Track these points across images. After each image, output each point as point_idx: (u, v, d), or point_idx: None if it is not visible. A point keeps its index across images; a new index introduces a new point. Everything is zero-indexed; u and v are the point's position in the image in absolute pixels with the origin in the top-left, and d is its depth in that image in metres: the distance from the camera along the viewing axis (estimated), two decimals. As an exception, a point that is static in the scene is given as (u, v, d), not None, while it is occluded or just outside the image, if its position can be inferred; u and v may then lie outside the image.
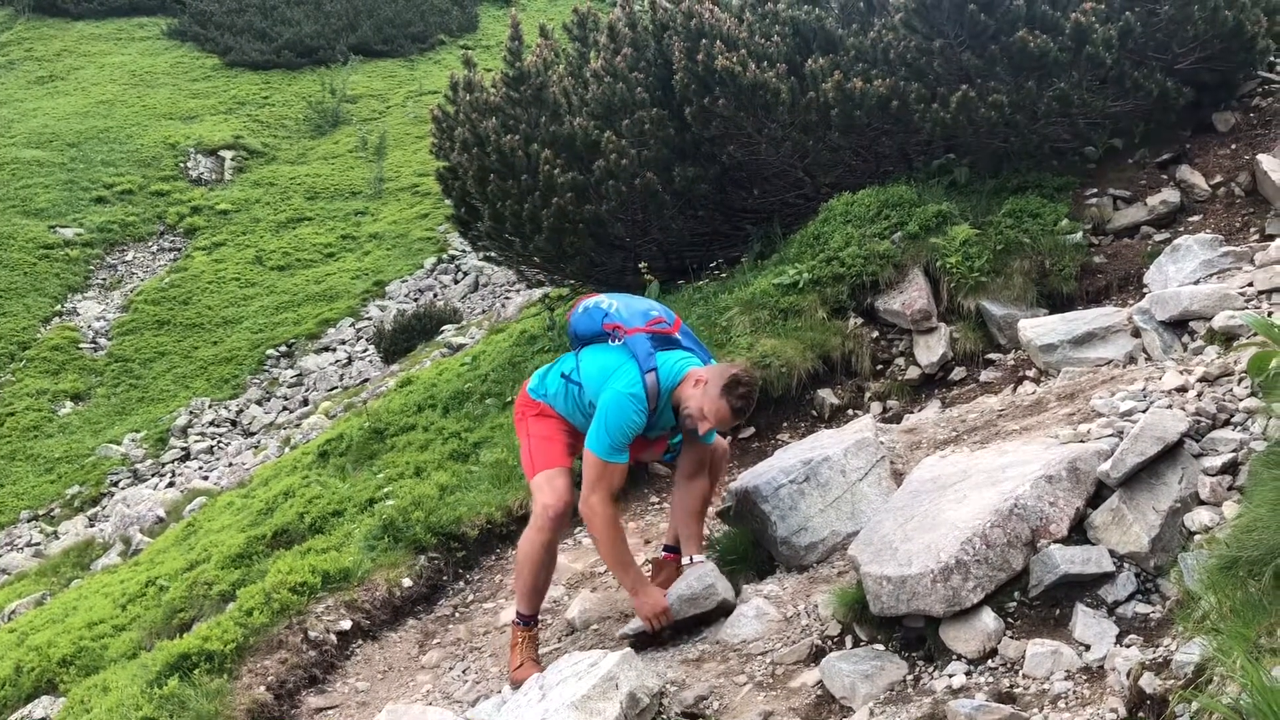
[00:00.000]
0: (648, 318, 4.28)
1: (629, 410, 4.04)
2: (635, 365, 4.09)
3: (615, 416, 4.04)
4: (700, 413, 4.02)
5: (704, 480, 4.41)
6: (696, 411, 4.03)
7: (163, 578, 7.00)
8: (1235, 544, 2.69)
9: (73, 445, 16.62)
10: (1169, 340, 5.26)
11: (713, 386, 3.99)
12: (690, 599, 4.19)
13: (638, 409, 4.05)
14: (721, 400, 3.97)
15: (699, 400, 4.02)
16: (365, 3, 33.42)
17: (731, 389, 3.98)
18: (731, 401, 3.98)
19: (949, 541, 3.63)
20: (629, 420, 4.05)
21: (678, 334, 4.35)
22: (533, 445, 4.34)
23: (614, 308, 4.30)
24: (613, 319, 4.26)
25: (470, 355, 10.17)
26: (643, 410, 4.07)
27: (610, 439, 4.05)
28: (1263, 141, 7.39)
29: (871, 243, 7.15)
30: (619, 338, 4.20)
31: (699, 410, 4.02)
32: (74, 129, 25.57)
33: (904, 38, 7.58)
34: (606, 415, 4.05)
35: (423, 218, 22.44)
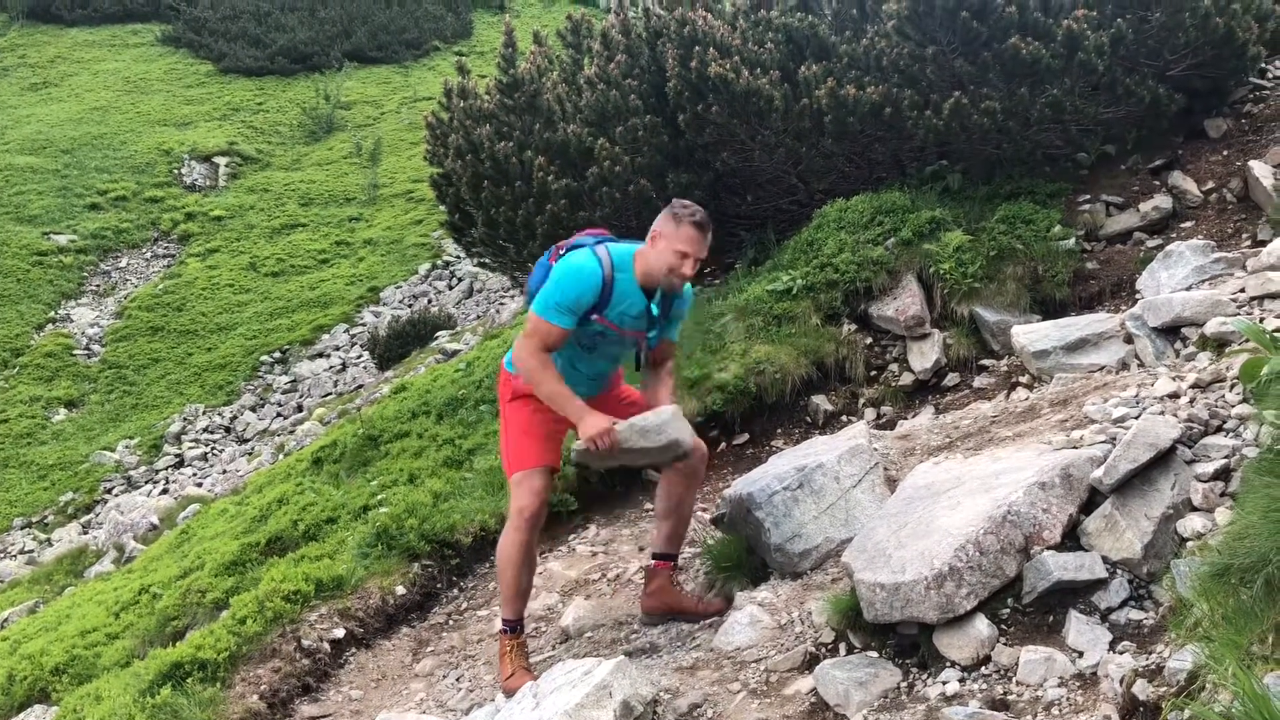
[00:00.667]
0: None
1: (579, 272, 3.98)
2: (584, 248, 4.10)
3: (564, 278, 3.99)
4: (677, 257, 3.99)
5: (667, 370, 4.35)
6: (674, 257, 4.00)
7: (156, 585, 6.97)
8: (1227, 551, 2.70)
9: (66, 452, 16.58)
10: (1162, 346, 5.27)
11: (667, 228, 4.00)
12: (642, 429, 4.02)
13: (590, 271, 3.99)
14: (681, 229, 3.98)
15: (665, 249, 4.01)
16: (360, 9, 33.43)
17: (681, 215, 4.00)
18: (686, 218, 4.00)
19: (942, 548, 3.63)
20: (579, 281, 3.97)
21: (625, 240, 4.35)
22: (509, 440, 4.28)
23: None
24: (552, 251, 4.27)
25: (464, 361, 10.15)
26: (595, 274, 3.98)
27: (553, 298, 3.98)
28: (1254, 148, 7.42)
29: (865, 249, 7.16)
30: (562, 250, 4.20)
31: (674, 256, 3.99)
32: (68, 135, 25.55)
33: (897, 45, 7.60)
34: (555, 279, 4.00)
35: (417, 224, 22.44)
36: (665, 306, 4.25)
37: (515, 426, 4.27)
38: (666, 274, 4.04)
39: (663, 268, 4.04)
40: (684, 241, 3.99)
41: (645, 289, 4.12)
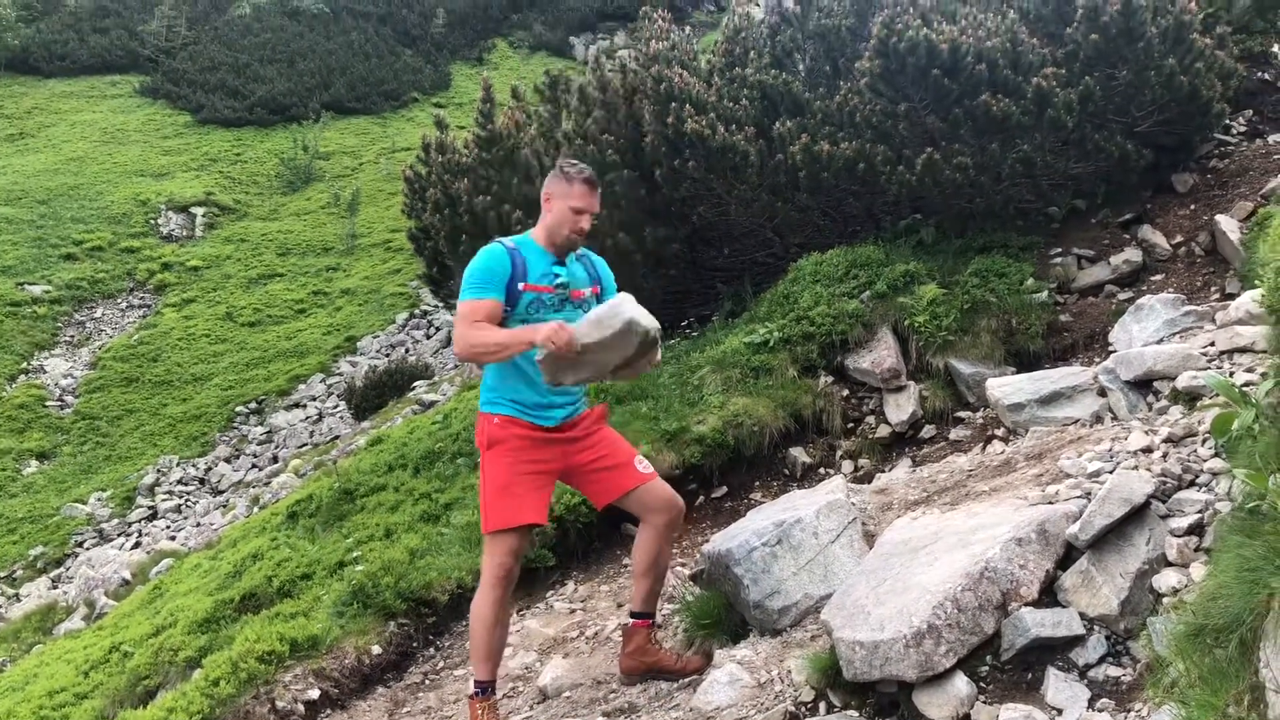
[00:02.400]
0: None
1: (483, 253, 4.09)
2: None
3: (471, 265, 4.09)
4: (572, 214, 4.10)
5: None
6: (569, 216, 4.10)
7: (127, 643, 6.87)
8: (1202, 611, 2.71)
9: (37, 505, 16.35)
10: (1134, 400, 5.32)
11: (557, 188, 4.13)
12: (595, 320, 3.91)
13: (494, 251, 4.09)
14: (571, 185, 4.11)
15: (559, 206, 4.11)
16: (338, 61, 33.68)
17: (569, 173, 4.12)
18: (576, 176, 4.11)
19: (920, 605, 3.63)
20: (485, 261, 4.06)
21: None
22: (486, 496, 4.20)
23: None
24: None
25: (442, 413, 10.12)
26: (501, 251, 4.08)
27: (468, 282, 4.05)
28: (1220, 202, 7.56)
29: (840, 302, 7.22)
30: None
31: (569, 213, 4.10)
32: (44, 186, 25.48)
33: (869, 101, 7.72)
34: (466, 271, 4.10)
35: (395, 273, 22.45)
36: (589, 270, 4.32)
37: (493, 482, 4.18)
38: (566, 233, 4.14)
39: (561, 227, 4.14)
40: (577, 198, 4.11)
41: (556, 253, 4.20)
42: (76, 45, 33.67)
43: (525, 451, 4.14)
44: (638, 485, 4.25)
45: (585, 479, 4.31)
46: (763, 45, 9.15)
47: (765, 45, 9.14)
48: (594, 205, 4.17)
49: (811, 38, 8.83)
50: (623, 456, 4.31)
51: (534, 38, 37.79)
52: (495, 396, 4.20)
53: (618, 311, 3.89)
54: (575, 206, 4.11)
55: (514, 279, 4.07)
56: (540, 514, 4.19)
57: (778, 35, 9.16)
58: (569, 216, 4.11)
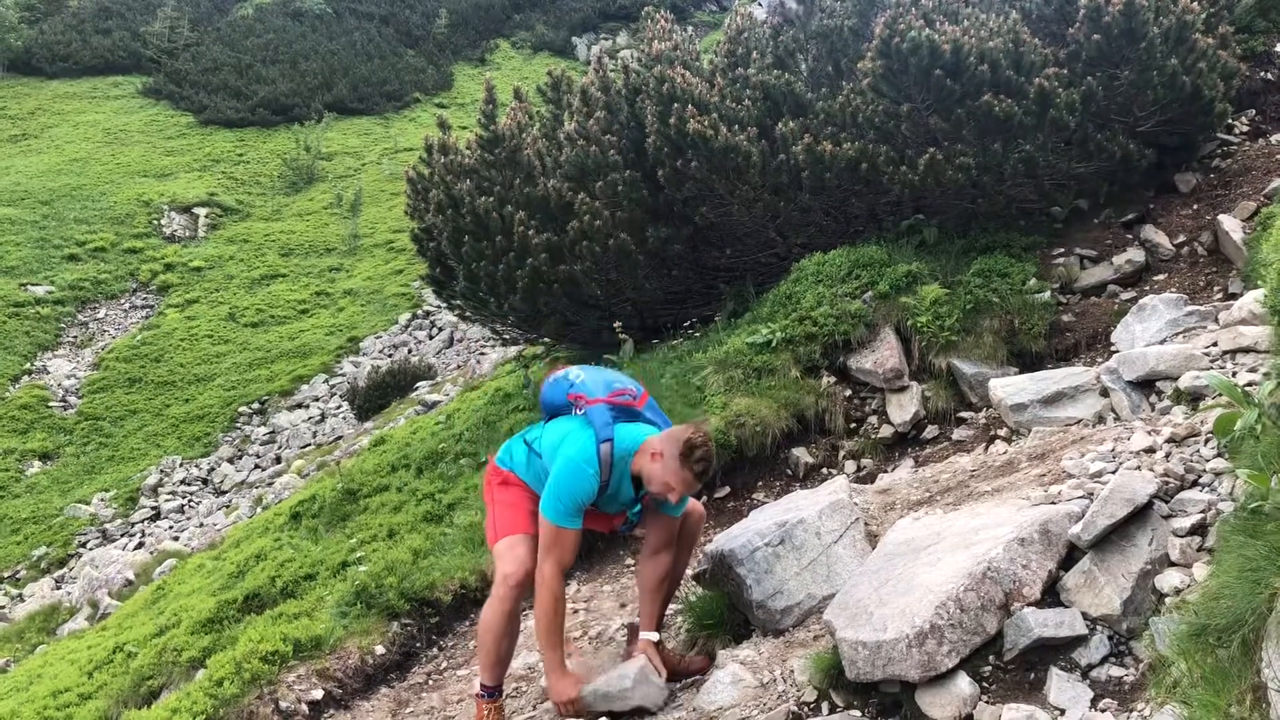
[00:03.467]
0: (610, 389, 4.28)
1: (580, 476, 4.04)
2: (591, 433, 4.10)
3: (566, 481, 4.04)
4: (666, 486, 4.01)
5: (668, 556, 4.34)
6: (662, 487, 4.02)
7: (131, 644, 6.88)
8: (1204, 611, 2.72)
9: (40, 505, 16.39)
10: (1137, 400, 5.32)
11: (670, 458, 3.98)
12: (605, 695, 4.13)
13: (590, 475, 4.05)
14: (683, 470, 3.97)
15: (660, 474, 4.01)
16: (340, 61, 33.71)
17: (689, 456, 3.96)
18: (692, 468, 3.98)
19: (923, 606, 3.63)
20: (580, 486, 4.04)
21: (642, 407, 4.33)
22: (496, 512, 4.31)
23: (580, 379, 4.31)
24: (576, 390, 4.27)
25: (444, 414, 10.15)
26: (595, 477, 4.06)
27: (561, 504, 4.04)
28: (1223, 202, 7.56)
29: (843, 302, 7.22)
30: (581, 408, 4.21)
31: (663, 485, 4.01)
32: (47, 187, 25.53)
33: (872, 102, 7.72)
34: (558, 480, 4.06)
35: (397, 273, 22.49)
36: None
37: (502, 501, 4.32)
38: (652, 490, 4.11)
39: (650, 485, 4.09)
40: (680, 483, 4.02)
41: (635, 480, 4.18)
42: (79, 46, 33.72)
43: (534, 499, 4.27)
44: None
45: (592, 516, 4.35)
46: (765, 45, 9.16)
47: (768, 45, 9.15)
48: (691, 492, 4.16)
49: (814, 38, 8.83)
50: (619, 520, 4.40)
51: (536, 38, 37.81)
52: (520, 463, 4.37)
53: (628, 698, 4.12)
54: (673, 486, 4.03)
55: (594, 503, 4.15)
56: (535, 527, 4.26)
57: (780, 35, 9.17)
58: (663, 485, 4.04)
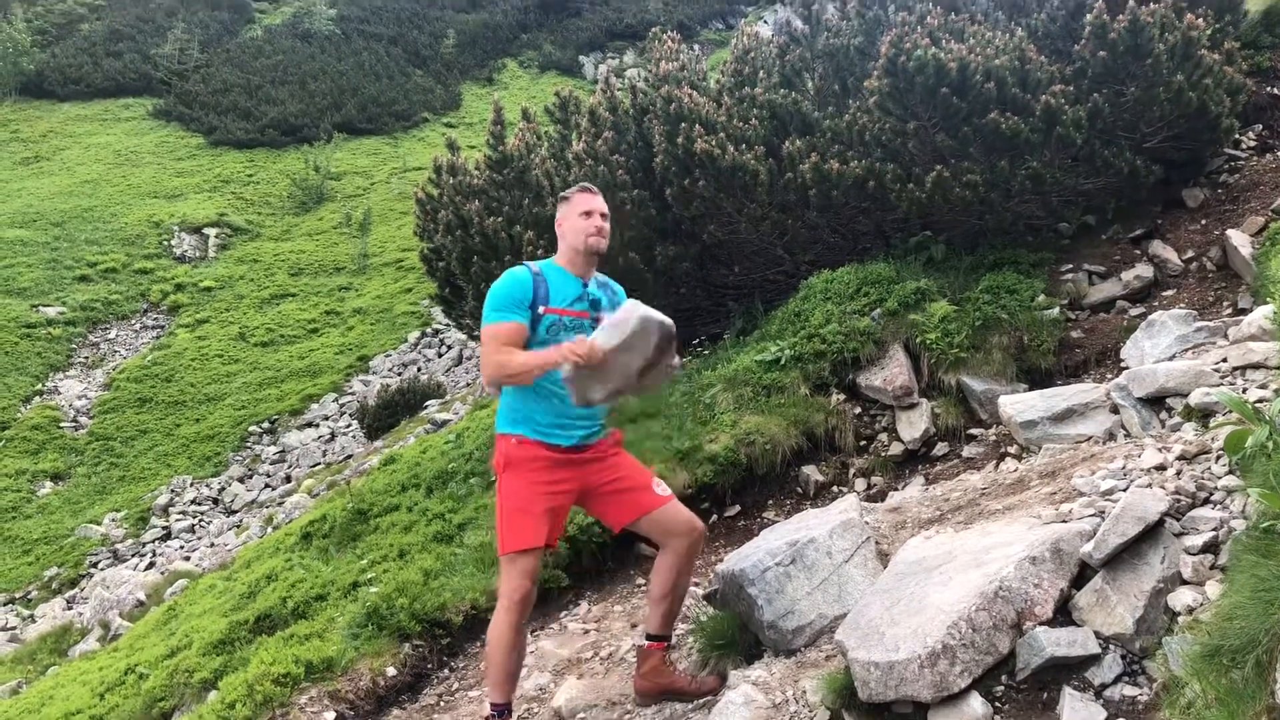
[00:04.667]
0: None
1: (507, 278, 4.11)
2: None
3: (494, 289, 4.10)
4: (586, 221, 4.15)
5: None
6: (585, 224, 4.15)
7: (142, 665, 6.90)
8: (1218, 632, 2.71)
9: (52, 526, 16.44)
10: (1147, 417, 5.31)
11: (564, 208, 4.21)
12: (611, 325, 3.93)
13: (517, 274, 4.11)
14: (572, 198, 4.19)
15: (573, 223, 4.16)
16: (349, 82, 33.93)
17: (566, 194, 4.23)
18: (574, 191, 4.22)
19: (935, 625, 3.62)
20: (508, 284, 4.08)
21: None
22: (504, 517, 4.19)
23: None
24: None
25: (454, 433, 10.15)
26: (524, 274, 4.11)
27: (492, 305, 4.08)
28: (1231, 217, 7.55)
29: (852, 319, 7.23)
30: None
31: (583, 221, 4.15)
32: (58, 208, 25.71)
33: (878, 120, 7.75)
34: (489, 295, 4.12)
35: (406, 292, 22.56)
36: (610, 296, 4.32)
37: (509, 502, 4.18)
38: (585, 240, 4.15)
39: (580, 237, 4.15)
40: (581, 204, 4.17)
41: (580, 275, 4.21)
42: (91, 69, 34.00)
43: (542, 473, 4.13)
44: (655, 507, 4.23)
45: (602, 501, 4.30)
46: (771, 65, 9.20)
47: (774, 65, 9.20)
48: (600, 205, 4.21)
49: (820, 57, 8.87)
50: (640, 479, 4.29)
51: (543, 57, 38.01)
52: (514, 416, 4.20)
53: (631, 311, 3.93)
54: (582, 210, 4.15)
55: (535, 302, 4.09)
56: (554, 537, 4.20)
57: (786, 55, 9.21)
58: (581, 223, 4.14)
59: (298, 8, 40.90)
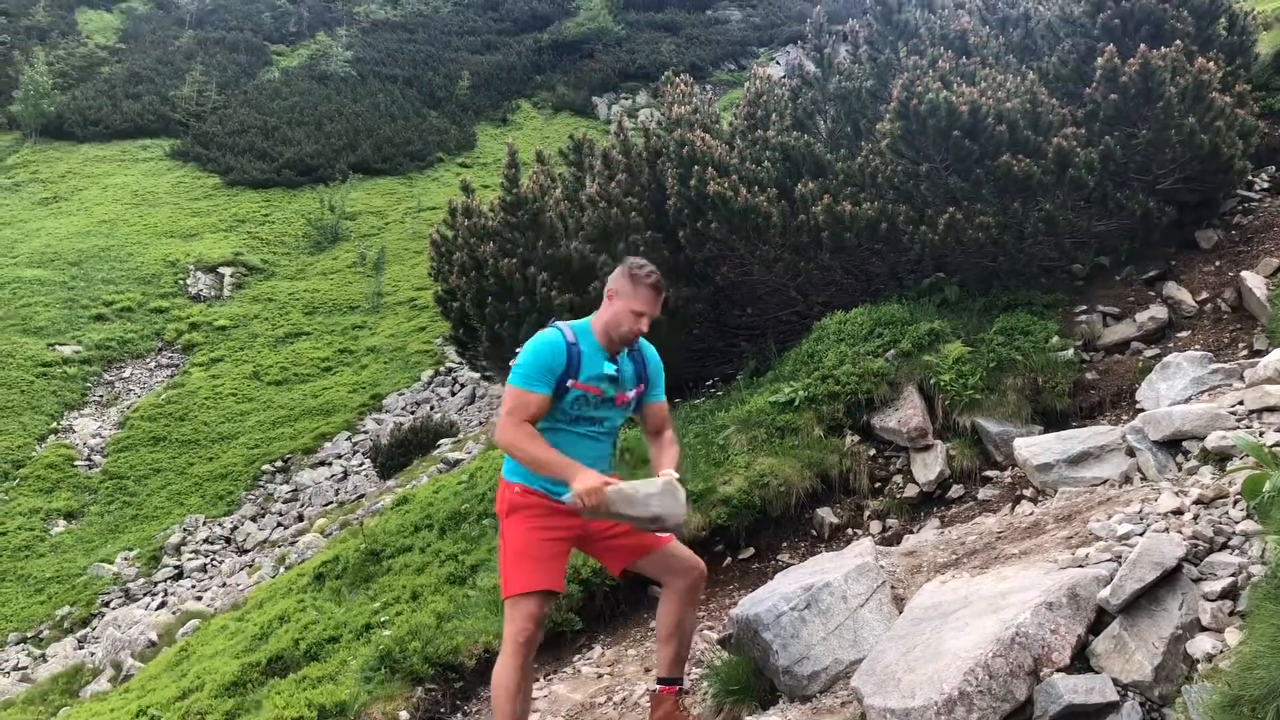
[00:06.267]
0: None
1: (543, 343, 4.07)
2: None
3: (529, 350, 4.06)
4: (633, 316, 4.05)
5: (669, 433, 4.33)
6: (630, 319, 4.05)
7: (154, 707, 6.87)
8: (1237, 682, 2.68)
9: (64, 564, 16.44)
10: (1163, 460, 5.28)
11: (623, 286, 4.05)
12: (629, 498, 3.96)
13: (553, 340, 4.07)
14: (638, 288, 4.04)
15: (622, 307, 4.06)
16: (365, 122, 34.27)
17: (638, 276, 4.05)
18: (645, 281, 4.05)
19: (951, 672, 3.59)
20: (543, 351, 4.05)
21: None
22: (507, 561, 4.21)
23: None
24: None
25: (467, 473, 10.14)
26: (559, 341, 4.07)
27: (524, 368, 4.04)
28: (1246, 258, 7.55)
29: (865, 360, 7.23)
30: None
31: (630, 315, 4.05)
32: (75, 248, 25.94)
33: (891, 162, 7.79)
34: (522, 353, 4.07)
35: (420, 330, 22.64)
36: (638, 368, 4.29)
37: (512, 547, 4.21)
38: (624, 331, 4.12)
39: (619, 324, 4.11)
40: (641, 302, 4.07)
41: (608, 350, 4.19)
42: (110, 111, 34.43)
43: (543, 518, 4.15)
44: (655, 549, 4.24)
45: (601, 546, 4.31)
46: (784, 107, 9.28)
47: (786, 107, 9.27)
48: (656, 310, 4.14)
49: (832, 100, 8.94)
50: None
51: (557, 98, 38.35)
52: (517, 465, 4.22)
53: (649, 503, 3.98)
54: (637, 310, 4.06)
55: (566, 374, 4.09)
56: (558, 580, 4.20)
57: (799, 97, 9.29)
58: (629, 317, 4.07)
59: (314, 50, 41.41)
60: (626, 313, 4.07)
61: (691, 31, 42.66)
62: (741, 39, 41.71)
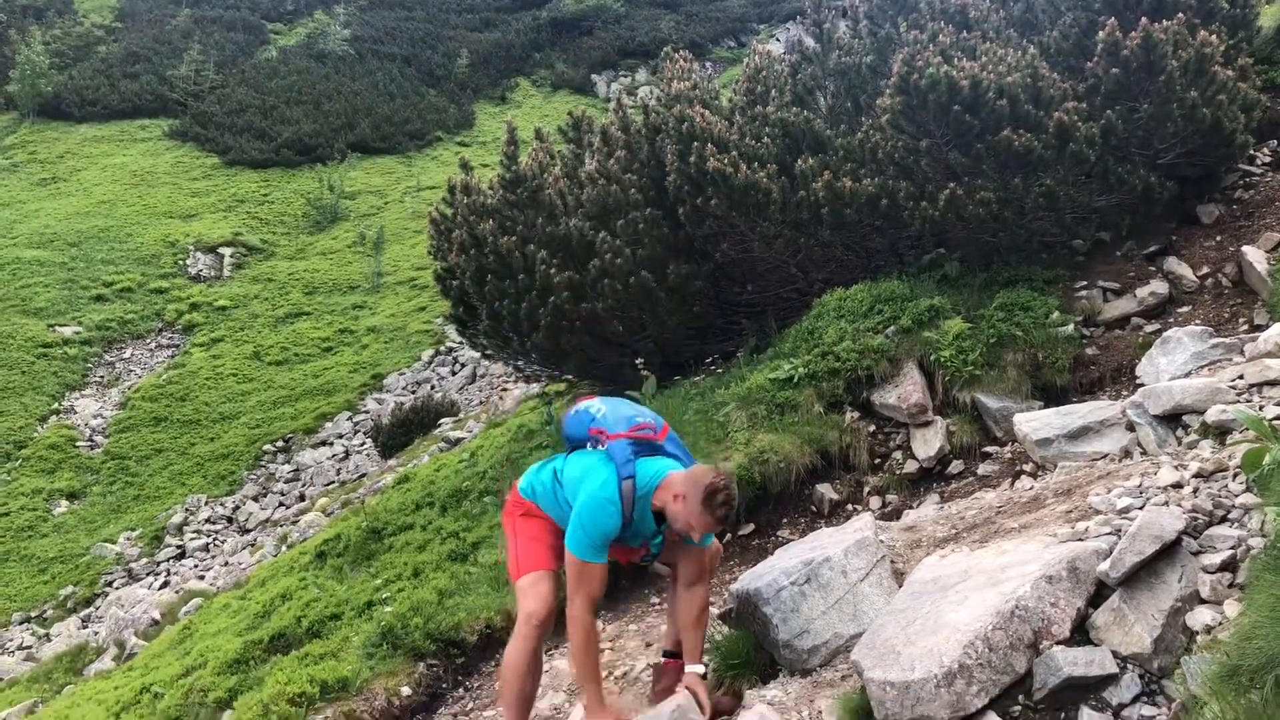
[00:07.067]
0: (631, 423, 4.28)
1: (603, 512, 4.04)
2: (613, 469, 4.11)
3: (590, 517, 4.04)
4: (688, 527, 4.01)
5: (703, 588, 4.35)
6: (684, 527, 4.02)
7: (158, 684, 6.91)
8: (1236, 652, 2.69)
9: (67, 545, 16.50)
10: (1163, 434, 5.28)
11: (693, 501, 3.97)
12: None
13: (613, 512, 4.05)
14: (705, 514, 3.96)
15: (684, 515, 4.00)
16: (363, 101, 34.15)
17: (711, 501, 3.96)
18: (714, 512, 3.97)
19: (951, 645, 3.60)
20: (604, 522, 4.04)
21: (664, 440, 4.33)
22: (519, 546, 4.30)
23: (601, 413, 4.32)
24: (598, 424, 4.28)
25: (468, 451, 10.18)
26: (617, 514, 4.06)
27: (587, 538, 4.04)
28: (1246, 233, 7.52)
29: (865, 337, 7.22)
30: (603, 443, 4.22)
31: (686, 525, 4.01)
32: (75, 229, 25.90)
33: (891, 138, 7.76)
34: (582, 516, 4.05)
35: (420, 310, 22.63)
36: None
37: (524, 534, 4.31)
38: (676, 528, 4.10)
39: (673, 524, 4.09)
40: (702, 525, 4.02)
41: (656, 514, 4.17)
42: (108, 91, 34.31)
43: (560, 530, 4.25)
44: None
45: None
46: (784, 83, 9.22)
47: (786, 83, 9.22)
48: (713, 531, 4.14)
49: (832, 75, 8.89)
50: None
51: (556, 76, 38.20)
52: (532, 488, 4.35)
53: None
54: (694, 525, 4.02)
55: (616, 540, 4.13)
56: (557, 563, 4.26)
57: (798, 73, 9.24)
58: (685, 525, 4.04)
59: (312, 29, 41.22)
60: (684, 519, 4.01)
61: (691, 8, 42.46)
62: (741, 15, 41.50)
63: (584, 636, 4.05)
